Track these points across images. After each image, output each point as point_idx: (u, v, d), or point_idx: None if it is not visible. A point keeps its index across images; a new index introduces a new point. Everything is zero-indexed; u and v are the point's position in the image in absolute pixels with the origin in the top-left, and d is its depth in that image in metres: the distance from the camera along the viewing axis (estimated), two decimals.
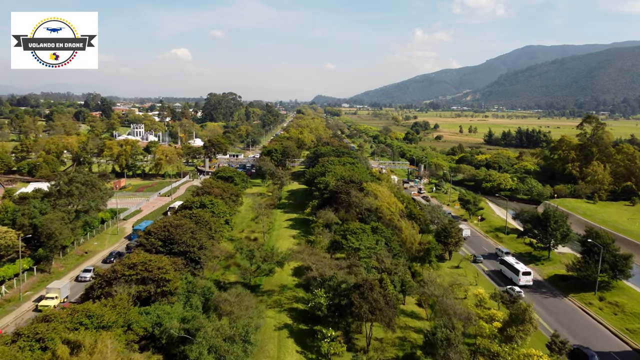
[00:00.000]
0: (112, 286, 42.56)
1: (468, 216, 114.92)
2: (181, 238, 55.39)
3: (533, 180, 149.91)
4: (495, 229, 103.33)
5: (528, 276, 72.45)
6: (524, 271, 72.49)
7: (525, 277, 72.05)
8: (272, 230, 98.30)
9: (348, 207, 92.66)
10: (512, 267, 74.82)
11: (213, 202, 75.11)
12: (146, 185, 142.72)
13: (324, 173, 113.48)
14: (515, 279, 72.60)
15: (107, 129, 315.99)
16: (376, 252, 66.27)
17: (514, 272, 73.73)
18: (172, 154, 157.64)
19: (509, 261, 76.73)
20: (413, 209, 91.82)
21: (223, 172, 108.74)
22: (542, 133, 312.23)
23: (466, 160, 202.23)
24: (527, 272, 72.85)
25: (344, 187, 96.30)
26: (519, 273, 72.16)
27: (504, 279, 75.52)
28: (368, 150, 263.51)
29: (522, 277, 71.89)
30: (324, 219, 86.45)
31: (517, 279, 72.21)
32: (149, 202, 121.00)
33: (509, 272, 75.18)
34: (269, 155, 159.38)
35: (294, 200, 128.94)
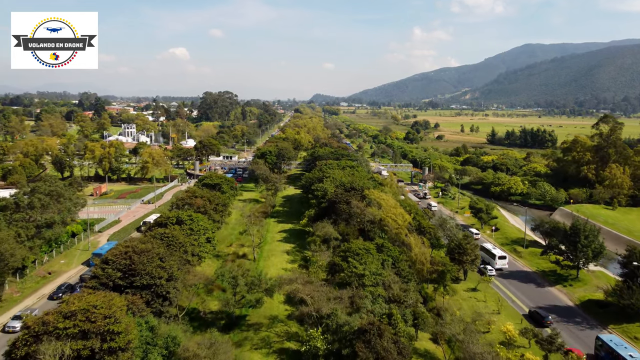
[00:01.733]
0: (42, 342, 32.21)
1: (480, 226, 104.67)
2: (145, 268, 44.98)
3: (546, 184, 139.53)
4: (511, 241, 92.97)
5: (504, 260, 79.44)
6: (499, 255, 79.75)
7: (501, 261, 78.95)
8: (264, 243, 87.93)
9: (348, 219, 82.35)
10: (489, 252, 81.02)
11: (192, 217, 64.56)
12: (130, 191, 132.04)
13: (322, 179, 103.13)
14: (492, 262, 78.53)
15: (98, 129, 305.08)
16: (383, 278, 56.01)
17: (490, 257, 79.79)
18: (159, 157, 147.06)
19: (487, 247, 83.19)
20: (422, 220, 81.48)
21: (209, 179, 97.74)
22: (548, 132, 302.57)
23: (471, 162, 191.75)
24: (503, 257, 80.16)
25: (344, 196, 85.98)
26: (495, 257, 78.87)
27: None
28: (368, 151, 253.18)
29: (497, 260, 78.57)
30: (322, 233, 76.16)
31: (493, 263, 78.32)
32: (130, 211, 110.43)
33: (487, 257, 79.87)
34: (263, 158, 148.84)
35: (289, 208, 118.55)
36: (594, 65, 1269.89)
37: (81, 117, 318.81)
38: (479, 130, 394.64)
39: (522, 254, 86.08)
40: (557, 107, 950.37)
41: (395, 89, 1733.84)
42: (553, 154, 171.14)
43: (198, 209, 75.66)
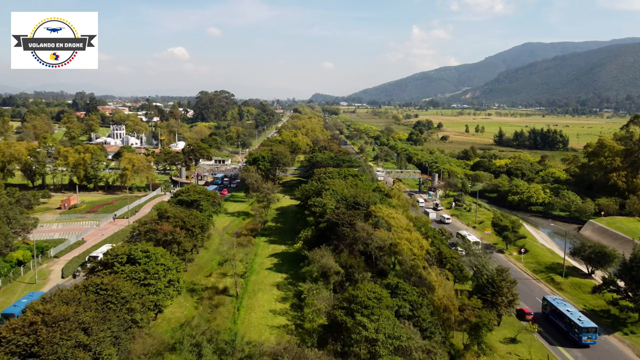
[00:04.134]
0: None
1: (504, 246, 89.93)
2: (56, 349, 30.28)
3: (570, 192, 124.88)
4: (546, 268, 77.91)
5: (477, 245, 79.73)
6: (474, 241, 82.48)
7: (477, 246, 78.83)
8: (250, 272, 73.16)
9: (352, 244, 67.67)
10: (464, 237, 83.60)
11: (150, 253, 49.31)
12: (104, 203, 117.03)
13: (320, 191, 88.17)
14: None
15: (85, 131, 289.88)
16: (402, 342, 41.29)
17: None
18: (139, 163, 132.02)
19: (462, 233, 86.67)
20: (442, 247, 66.53)
21: (186, 194, 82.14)
22: (558, 133, 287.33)
23: (483, 166, 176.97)
24: (477, 242, 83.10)
25: (347, 216, 71.26)
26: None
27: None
28: (370, 154, 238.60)
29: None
30: (320, 265, 61.47)
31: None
32: (99, 228, 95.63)
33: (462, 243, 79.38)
34: (255, 164, 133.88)
35: (283, 223, 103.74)
36: (596, 63, 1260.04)
37: (68, 118, 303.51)
38: (484, 130, 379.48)
39: (562, 286, 71.10)
40: (559, 106, 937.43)
41: (395, 88, 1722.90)
42: (575, 158, 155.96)
43: (165, 235, 60.71)
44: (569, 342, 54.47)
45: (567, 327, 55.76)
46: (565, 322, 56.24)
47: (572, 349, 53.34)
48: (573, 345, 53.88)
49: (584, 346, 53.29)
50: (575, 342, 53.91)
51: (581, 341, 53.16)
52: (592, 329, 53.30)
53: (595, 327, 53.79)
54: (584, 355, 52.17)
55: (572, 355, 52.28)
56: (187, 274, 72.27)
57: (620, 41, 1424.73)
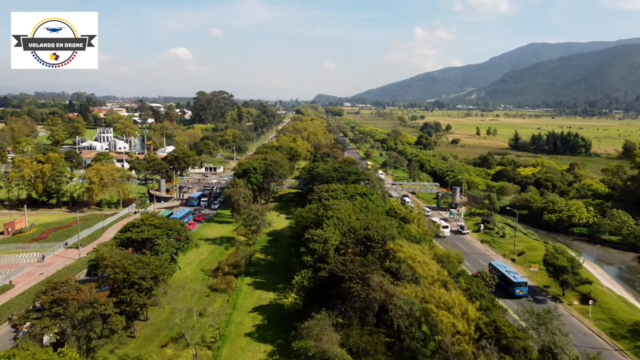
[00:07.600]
0: None
1: (560, 291, 69.12)
2: None
3: (621, 212, 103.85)
4: (629, 331, 56.96)
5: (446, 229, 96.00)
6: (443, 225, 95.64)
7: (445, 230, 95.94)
8: (224, 339, 52.68)
9: (365, 309, 47.27)
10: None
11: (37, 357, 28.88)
12: (60, 226, 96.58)
13: (321, 220, 67.37)
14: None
15: (70, 134, 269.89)
16: None
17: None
18: (108, 175, 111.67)
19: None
20: (497, 317, 45.57)
21: (136, 230, 60.16)
22: (580, 137, 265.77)
23: (506, 176, 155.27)
24: (445, 227, 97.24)
25: (357, 265, 50.74)
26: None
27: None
28: (377, 160, 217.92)
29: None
30: (319, 350, 41.08)
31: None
32: (40, 264, 75.37)
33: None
34: (245, 177, 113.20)
35: (274, 255, 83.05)
36: (603, 64, 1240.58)
37: (52, 120, 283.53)
38: (497, 133, 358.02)
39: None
40: (567, 107, 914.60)
41: (398, 89, 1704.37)
42: (619, 168, 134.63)
43: (82, 309, 40.22)
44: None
45: None
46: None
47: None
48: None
49: None
50: None
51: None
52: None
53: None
54: None
55: None
56: (135, 342, 51.98)
57: (627, 41, 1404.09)
